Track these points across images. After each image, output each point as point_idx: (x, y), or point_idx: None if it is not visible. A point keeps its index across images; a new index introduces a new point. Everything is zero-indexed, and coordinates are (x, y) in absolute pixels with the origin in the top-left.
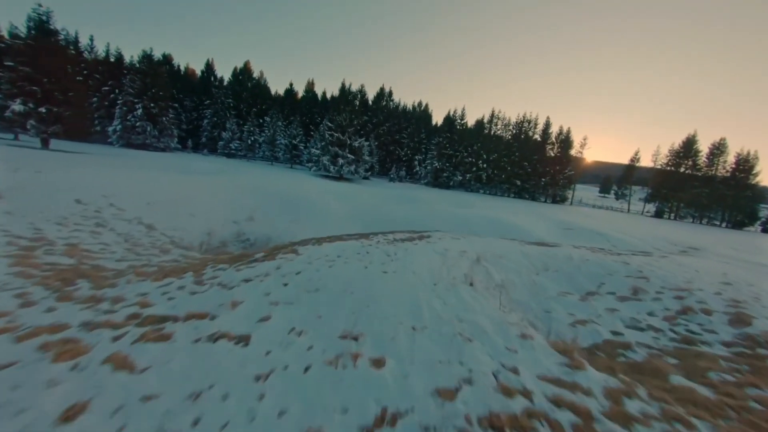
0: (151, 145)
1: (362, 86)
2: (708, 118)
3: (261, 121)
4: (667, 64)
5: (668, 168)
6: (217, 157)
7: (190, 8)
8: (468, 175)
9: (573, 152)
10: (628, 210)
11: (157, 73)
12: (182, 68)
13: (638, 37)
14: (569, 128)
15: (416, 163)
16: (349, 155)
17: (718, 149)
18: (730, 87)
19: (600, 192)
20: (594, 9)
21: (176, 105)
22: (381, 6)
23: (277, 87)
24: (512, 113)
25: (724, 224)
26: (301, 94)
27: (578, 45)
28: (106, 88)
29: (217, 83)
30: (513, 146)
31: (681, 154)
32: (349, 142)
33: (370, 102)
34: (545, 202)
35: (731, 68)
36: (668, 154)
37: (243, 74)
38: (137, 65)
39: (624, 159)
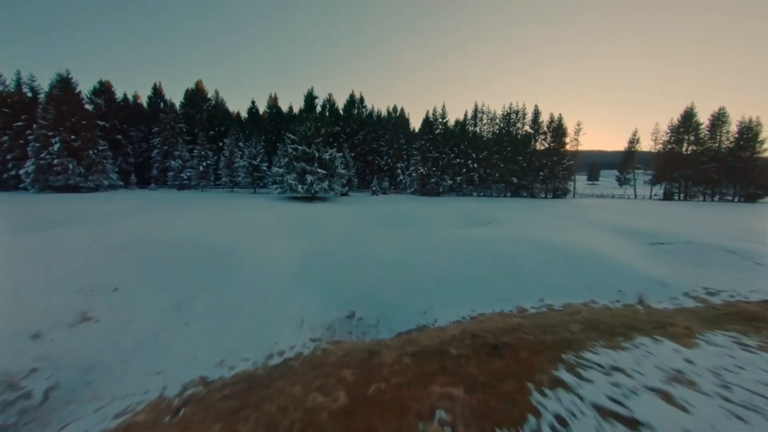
0: (77, 185)
1: (330, 95)
2: (699, 99)
3: (220, 144)
4: (646, 49)
5: (671, 146)
6: (166, 190)
7: (134, 29)
8: (458, 178)
9: (568, 140)
10: (635, 195)
11: (75, 99)
12: (129, 96)
13: (619, 26)
14: (560, 115)
15: (399, 171)
16: (319, 170)
17: (719, 119)
18: (718, 67)
19: (588, 180)
20: None
21: (118, 137)
22: (343, 10)
23: (239, 107)
24: (497, 107)
25: (736, 198)
26: (263, 110)
27: (557, 37)
28: (19, 123)
29: (167, 108)
30: (503, 141)
31: (681, 130)
32: (317, 154)
33: (341, 111)
34: (546, 197)
35: (717, 48)
36: (668, 131)
37: (195, 96)
38: (50, 91)
39: (609, 146)
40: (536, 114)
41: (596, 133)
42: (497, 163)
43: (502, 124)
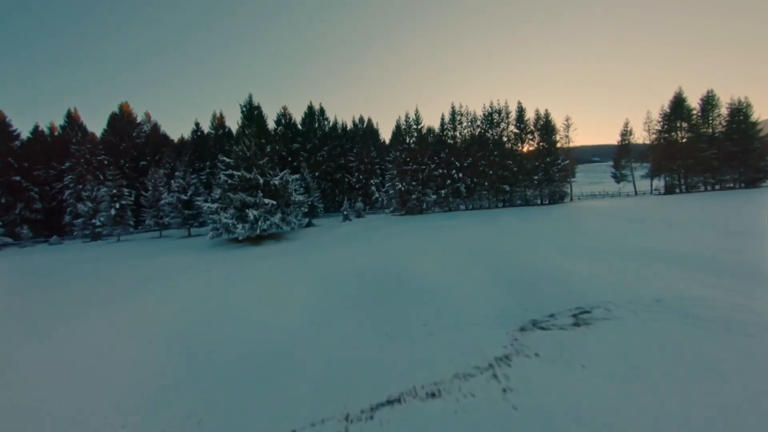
0: None
1: (284, 108)
2: (687, 84)
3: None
4: (626, 43)
5: (666, 135)
6: (70, 243)
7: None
8: (443, 192)
9: (558, 138)
10: (635, 192)
11: None
12: (43, 127)
13: (599, 22)
14: (547, 110)
15: (374, 188)
16: (266, 201)
17: (709, 103)
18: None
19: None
20: None
21: (16, 178)
22: (297, 15)
23: (183, 131)
24: (476, 107)
25: (738, 185)
26: (208, 131)
27: (535, 35)
28: None
29: (82, 138)
30: (488, 144)
31: (672, 117)
32: (263, 180)
33: (299, 125)
34: (542, 203)
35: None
36: (660, 119)
37: (120, 121)
38: None
39: (600, 140)
40: (521, 112)
41: (586, 128)
42: (485, 171)
43: (484, 126)
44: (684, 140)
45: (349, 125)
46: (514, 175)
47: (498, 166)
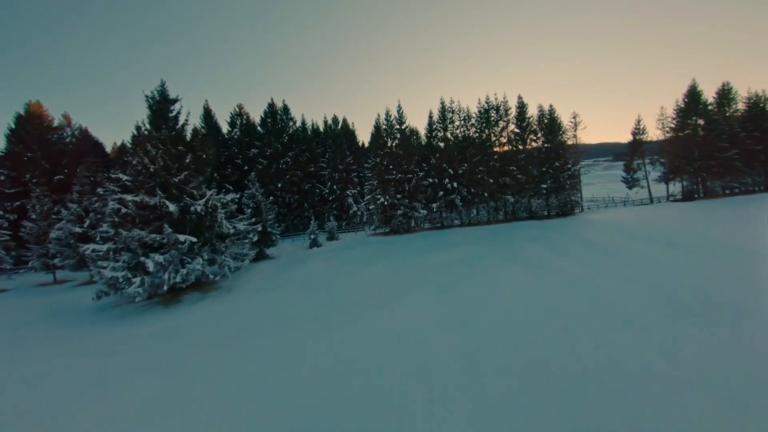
0: None
1: (240, 107)
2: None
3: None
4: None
5: (681, 133)
6: None
7: None
8: (434, 205)
9: (566, 138)
10: (651, 199)
11: None
12: None
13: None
14: (551, 106)
15: (351, 200)
16: (180, 238)
17: (725, 96)
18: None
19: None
20: None
21: None
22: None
23: (115, 138)
24: (470, 104)
25: (758, 188)
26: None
27: (531, 30)
28: None
29: None
30: (486, 146)
31: (688, 111)
32: (174, 207)
33: (258, 126)
34: (549, 215)
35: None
36: (674, 116)
37: (26, 125)
38: None
39: (606, 138)
40: (522, 108)
41: (594, 127)
42: (483, 178)
43: (480, 126)
44: (701, 138)
45: (320, 126)
46: (519, 184)
47: (499, 173)
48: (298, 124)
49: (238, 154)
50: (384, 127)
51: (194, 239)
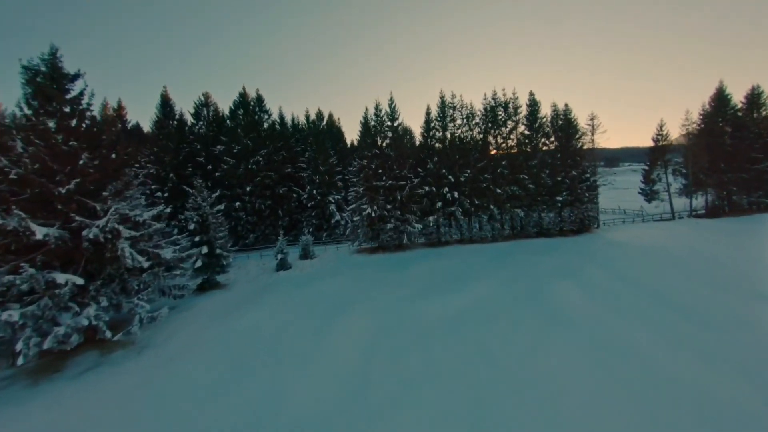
0: None
1: (206, 96)
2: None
3: None
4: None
5: (708, 140)
6: None
7: None
8: (431, 219)
9: (584, 143)
10: (673, 215)
11: None
12: None
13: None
14: (567, 105)
15: (333, 207)
16: (62, 280)
17: (755, 102)
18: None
19: None
20: None
21: None
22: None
23: None
24: (473, 100)
25: None
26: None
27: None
28: None
29: None
30: (493, 148)
31: (714, 116)
32: (57, 233)
33: (227, 119)
34: (561, 231)
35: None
36: (699, 121)
37: None
38: None
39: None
40: (533, 106)
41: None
42: (489, 187)
43: (485, 126)
44: (729, 147)
45: (301, 121)
46: (530, 195)
47: (507, 182)
48: (275, 117)
49: (201, 151)
50: (373, 123)
51: (81, 281)
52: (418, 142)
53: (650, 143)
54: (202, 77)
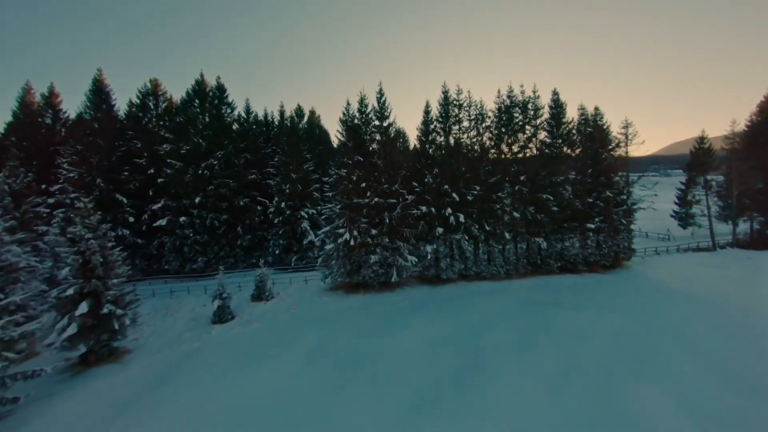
0: None
1: (155, 83)
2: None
3: None
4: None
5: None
6: None
7: None
8: (428, 249)
9: (619, 153)
10: (714, 244)
11: None
12: None
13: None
14: (597, 108)
15: (305, 225)
16: None
17: None
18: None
19: None
20: None
21: None
22: None
23: None
24: (483, 97)
25: None
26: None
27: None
28: None
29: None
30: (507, 160)
31: (759, 128)
32: None
33: (180, 113)
34: (591, 266)
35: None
36: (747, 134)
37: None
38: None
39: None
40: (558, 108)
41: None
42: (504, 209)
43: (498, 130)
44: None
45: (275, 117)
46: (555, 220)
47: (528, 203)
48: (240, 112)
49: (144, 150)
50: (357, 119)
51: None
52: (413, 147)
53: (664, 148)
54: (153, 63)
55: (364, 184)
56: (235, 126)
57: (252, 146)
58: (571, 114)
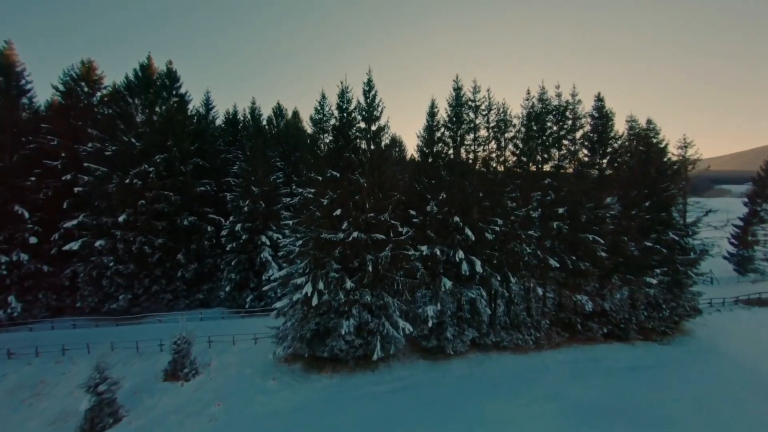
0: None
1: (88, 64)
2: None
3: None
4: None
5: None
6: None
7: None
8: (429, 310)
9: (679, 182)
10: None
11: None
12: None
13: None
14: (650, 120)
15: (266, 255)
16: None
17: None
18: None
19: None
20: None
21: None
22: None
23: None
24: (506, 95)
25: None
26: None
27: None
28: None
29: None
30: (543, 183)
31: None
32: None
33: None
34: (645, 331)
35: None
36: None
37: None
38: None
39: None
40: (603, 117)
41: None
42: (536, 253)
43: (526, 142)
44: None
45: (243, 114)
46: (602, 269)
47: (568, 244)
48: (198, 106)
49: (59, 149)
50: (334, 122)
51: None
52: (410, 158)
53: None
54: (113, 47)
55: (339, 211)
56: (177, 120)
57: (211, 149)
58: (618, 127)
